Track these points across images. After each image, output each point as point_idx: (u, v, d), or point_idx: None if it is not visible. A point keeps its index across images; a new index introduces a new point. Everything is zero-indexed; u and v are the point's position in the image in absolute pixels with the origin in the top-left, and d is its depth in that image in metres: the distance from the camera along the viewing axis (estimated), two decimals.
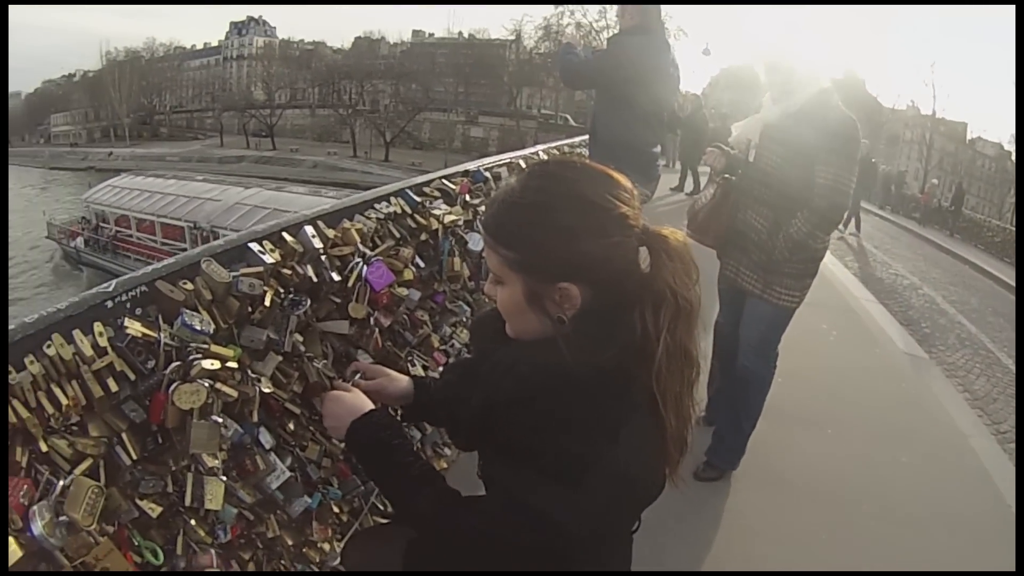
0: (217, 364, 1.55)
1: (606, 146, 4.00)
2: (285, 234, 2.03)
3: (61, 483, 1.28)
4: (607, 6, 40.23)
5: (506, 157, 4.23)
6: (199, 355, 1.54)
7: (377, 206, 2.60)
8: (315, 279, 2.06)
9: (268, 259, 1.88)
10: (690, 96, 15.40)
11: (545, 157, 5.13)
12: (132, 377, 1.47)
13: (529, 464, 1.11)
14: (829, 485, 3.32)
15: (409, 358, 2.63)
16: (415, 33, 60.89)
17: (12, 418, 1.25)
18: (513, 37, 50.43)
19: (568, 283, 1.13)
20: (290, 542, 1.98)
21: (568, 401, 1.09)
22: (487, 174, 3.49)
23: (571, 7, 43.82)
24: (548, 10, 45.94)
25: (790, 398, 3.73)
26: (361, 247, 2.27)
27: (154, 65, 66.49)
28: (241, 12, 65.79)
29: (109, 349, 1.43)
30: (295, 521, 2.01)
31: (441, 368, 2.72)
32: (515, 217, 1.17)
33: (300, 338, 2.01)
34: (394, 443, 1.36)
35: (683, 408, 1.15)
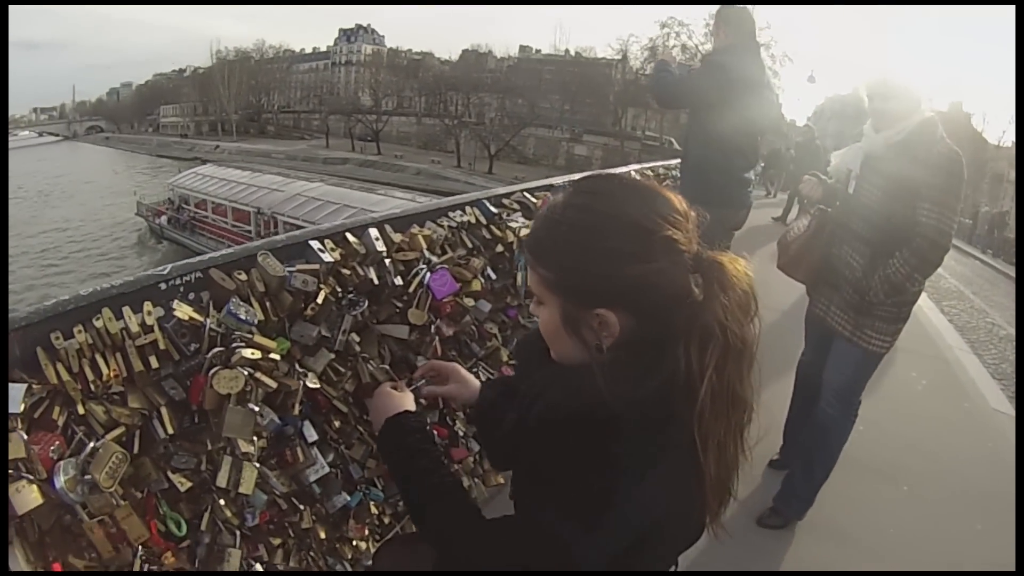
0: (258, 354, 1.58)
1: (696, 169, 3.93)
2: (348, 235, 2.05)
3: (91, 445, 1.35)
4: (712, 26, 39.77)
5: (594, 174, 4.14)
6: (242, 344, 1.58)
7: (451, 214, 2.59)
8: (376, 281, 2.06)
9: (327, 258, 1.91)
10: (803, 128, 15.06)
11: (637, 178, 5.03)
12: (176, 357, 1.53)
13: (552, 492, 1.08)
14: (897, 546, 3.12)
15: (474, 369, 2.58)
16: (522, 48, 62.12)
17: (54, 379, 1.34)
18: (619, 57, 50.37)
19: (606, 309, 1.07)
20: (323, 535, 2.00)
21: (597, 433, 1.02)
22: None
23: (676, 29, 43.48)
24: (654, 31, 45.72)
25: (868, 448, 3.54)
26: (427, 253, 2.26)
27: (263, 66, 70.41)
28: (350, 19, 68.15)
29: (156, 328, 1.49)
30: (332, 516, 2.04)
31: None
32: (553, 236, 1.11)
33: (357, 338, 2.03)
34: (419, 448, 1.36)
35: (726, 455, 1.07)
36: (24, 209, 37.79)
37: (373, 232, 2.10)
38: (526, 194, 3.12)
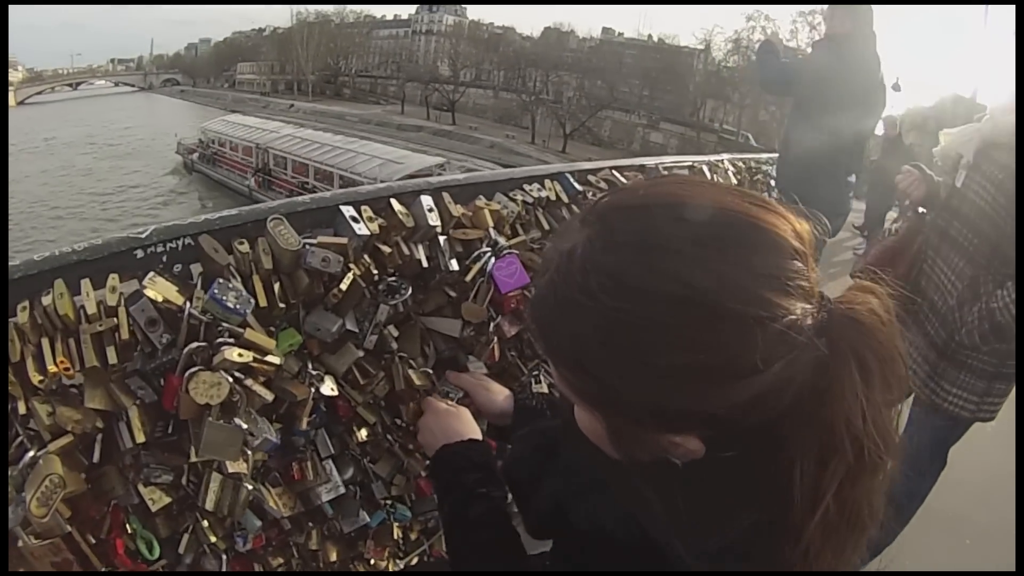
0: (248, 356, 1.19)
1: (798, 167, 3.51)
2: (394, 201, 1.62)
3: (31, 454, 1.07)
4: (799, 24, 40.00)
5: (688, 159, 3.68)
6: (230, 340, 1.19)
7: (527, 187, 2.09)
8: (425, 263, 1.64)
9: (361, 230, 1.49)
10: (885, 119, 13.00)
11: (731, 171, 4.51)
12: (148, 350, 1.17)
13: None
14: None
15: (535, 372, 2.06)
16: (605, 30, 61.60)
17: None
18: (702, 47, 49.55)
19: (680, 436, 0.68)
20: (333, 558, 1.68)
21: (654, 564, 0.72)
22: (665, 173, 2.93)
23: (762, 23, 42.61)
24: (740, 23, 44.93)
25: (936, 492, 3.09)
26: (494, 233, 1.81)
27: (343, 29, 72.80)
28: None
29: (120, 310, 1.13)
30: (347, 535, 1.71)
31: None
32: (575, 327, 0.66)
33: (395, 333, 1.64)
34: (478, 492, 1.12)
35: None
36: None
37: (426, 201, 1.66)
38: (615, 173, 2.56)
